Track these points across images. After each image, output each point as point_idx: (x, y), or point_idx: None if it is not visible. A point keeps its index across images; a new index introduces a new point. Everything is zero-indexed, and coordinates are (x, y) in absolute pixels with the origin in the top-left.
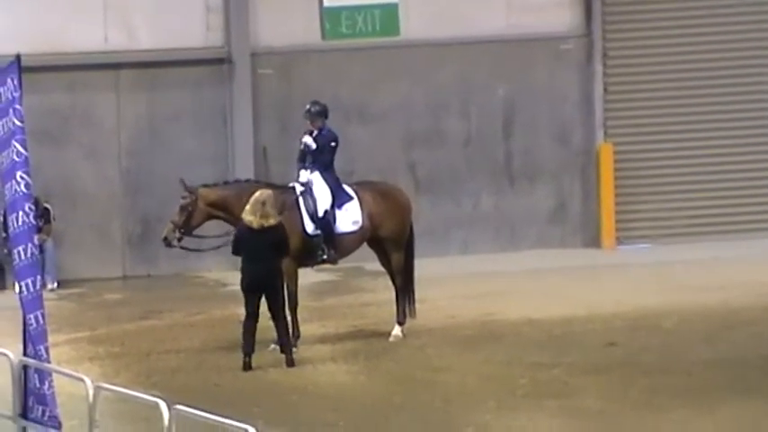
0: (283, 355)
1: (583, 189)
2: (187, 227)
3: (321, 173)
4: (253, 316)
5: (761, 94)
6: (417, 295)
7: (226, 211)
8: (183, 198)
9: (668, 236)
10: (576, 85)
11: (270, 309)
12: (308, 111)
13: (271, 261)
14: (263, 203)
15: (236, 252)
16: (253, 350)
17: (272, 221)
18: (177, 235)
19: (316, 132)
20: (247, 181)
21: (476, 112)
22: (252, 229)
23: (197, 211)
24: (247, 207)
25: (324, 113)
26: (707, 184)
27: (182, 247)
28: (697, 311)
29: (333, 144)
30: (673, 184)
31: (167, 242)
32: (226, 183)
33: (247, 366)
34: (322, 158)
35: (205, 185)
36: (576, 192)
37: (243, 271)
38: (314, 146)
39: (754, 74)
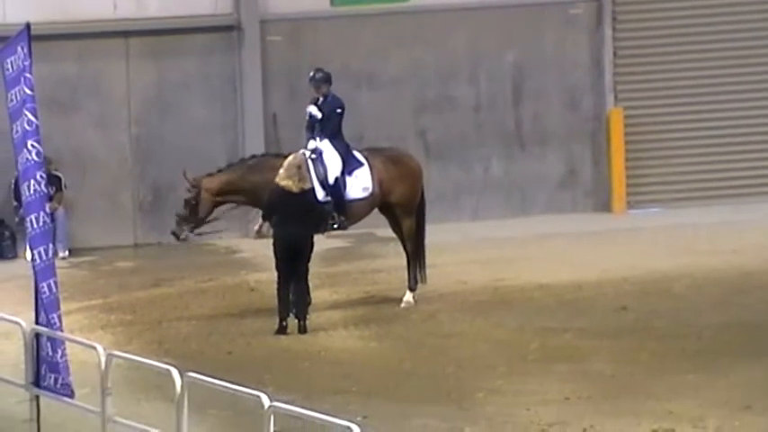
0: (296, 321)
1: (593, 154)
2: (195, 219)
3: (330, 140)
4: (288, 280)
5: None
6: (428, 261)
7: (236, 193)
8: (188, 191)
9: (679, 200)
10: (586, 49)
11: (296, 272)
12: (313, 77)
13: (306, 224)
14: (299, 167)
15: (269, 216)
16: (288, 314)
17: (308, 184)
18: (186, 228)
19: (321, 100)
20: (253, 157)
21: (485, 78)
22: (291, 192)
23: (201, 202)
24: (281, 172)
25: (328, 80)
26: (717, 147)
27: (196, 234)
28: (708, 275)
29: (339, 111)
30: (683, 148)
31: (176, 236)
32: (230, 165)
33: (282, 330)
34: (330, 126)
35: (209, 174)
36: (586, 157)
37: (277, 235)
38: (319, 115)
39: (765, 36)
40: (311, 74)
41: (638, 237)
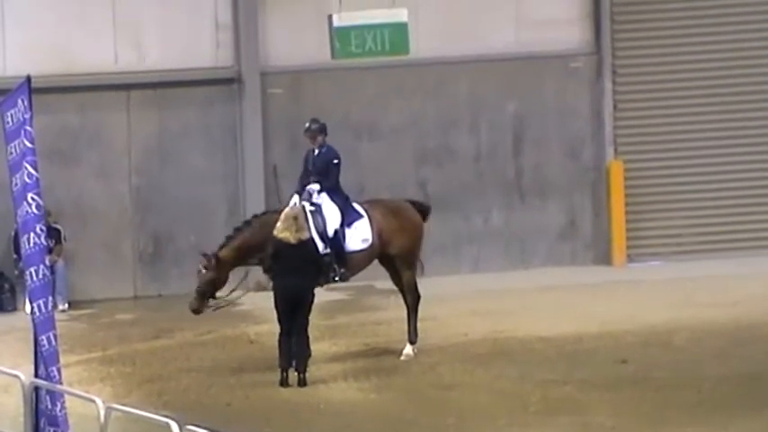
0: (296, 374)
1: (593, 205)
2: (213, 293)
3: (328, 193)
4: (288, 331)
5: None
6: (428, 313)
7: (247, 255)
8: (206, 268)
9: (679, 252)
10: (586, 101)
11: (296, 324)
12: (308, 128)
13: (306, 275)
14: (296, 218)
15: (271, 269)
16: (290, 365)
17: (306, 234)
18: (207, 303)
19: (317, 151)
20: (255, 216)
21: (486, 129)
22: (289, 244)
23: (220, 276)
24: (279, 225)
25: (323, 130)
26: (718, 200)
27: (217, 308)
28: (708, 328)
29: (335, 162)
30: (683, 201)
31: (196, 312)
32: (237, 230)
33: (284, 382)
34: (327, 178)
35: (222, 246)
36: (586, 208)
37: (278, 287)
38: (317, 188)
39: (764, 90)
40: (306, 125)
41: (638, 289)
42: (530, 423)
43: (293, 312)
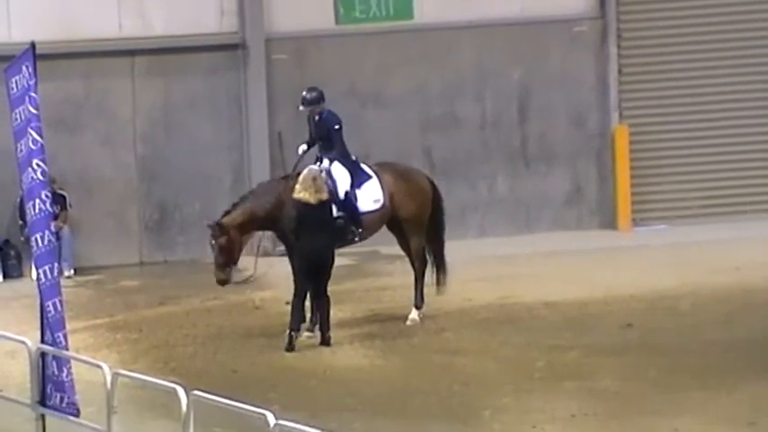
0: (319, 335)
1: (598, 171)
2: (232, 260)
3: (335, 159)
4: (304, 294)
5: None
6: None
7: (257, 222)
8: (215, 237)
9: (684, 217)
10: (591, 67)
11: (318, 286)
12: (305, 98)
13: (330, 236)
14: (314, 179)
15: (295, 231)
16: (299, 328)
17: (326, 195)
18: (229, 271)
19: (317, 118)
20: (259, 185)
21: (491, 96)
22: (310, 205)
23: (234, 242)
24: (298, 186)
25: (321, 98)
26: (723, 164)
27: (244, 281)
28: (714, 293)
29: (336, 127)
30: (688, 165)
31: (223, 283)
32: (242, 198)
33: (290, 346)
34: (330, 145)
35: (225, 213)
36: (591, 174)
37: (302, 249)
38: (304, 148)
39: None
40: (303, 93)
41: (643, 254)
42: (535, 388)
43: (316, 274)
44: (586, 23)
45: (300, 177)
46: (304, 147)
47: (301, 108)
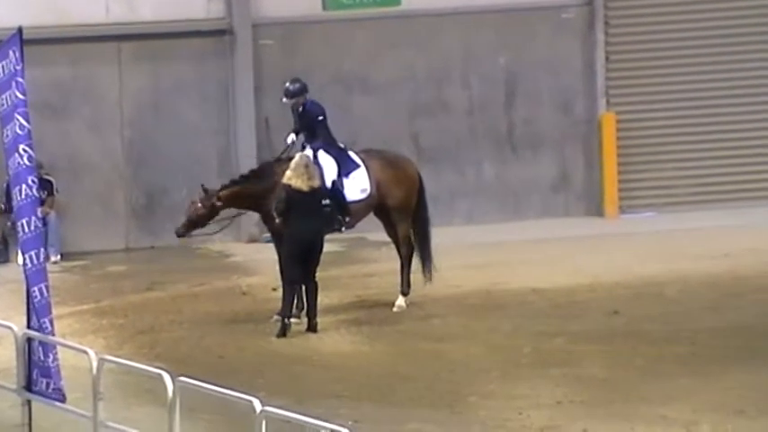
0: (305, 321)
1: (585, 158)
2: (202, 225)
3: (320, 149)
4: (298, 280)
5: (764, 62)
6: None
7: (249, 200)
8: (201, 201)
9: (671, 204)
10: (578, 53)
11: (308, 271)
12: (287, 91)
13: (320, 222)
14: (306, 165)
15: (285, 216)
16: (291, 315)
17: (317, 182)
18: (188, 230)
19: (300, 110)
20: (261, 165)
21: (478, 82)
22: (302, 192)
23: (213, 211)
24: (289, 173)
25: (303, 90)
26: (710, 152)
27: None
28: (701, 279)
29: (320, 118)
30: (675, 152)
31: (181, 236)
32: (242, 176)
33: (282, 332)
34: (315, 135)
35: (224, 187)
36: (578, 161)
37: (292, 233)
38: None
39: (757, 41)
40: (286, 86)
41: (630, 241)
42: (522, 375)
43: (304, 260)
44: (574, 10)
45: (292, 163)
46: (293, 136)
47: (284, 100)
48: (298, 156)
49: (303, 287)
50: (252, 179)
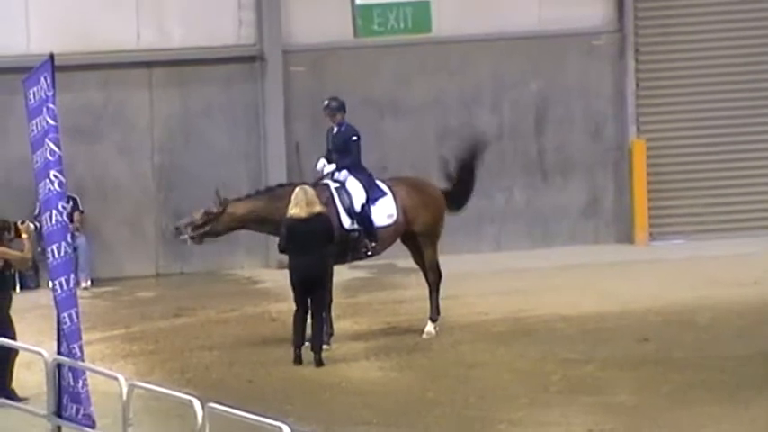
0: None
1: (616, 184)
2: (203, 232)
3: (350, 171)
4: (304, 308)
5: None
6: (449, 291)
7: (258, 222)
8: (213, 205)
9: (701, 231)
10: (609, 80)
11: (313, 303)
12: (327, 106)
13: (321, 251)
14: (306, 193)
15: (284, 247)
16: (303, 342)
17: (318, 209)
18: (190, 233)
19: (336, 129)
20: (280, 186)
21: (508, 108)
22: (300, 219)
23: (219, 223)
24: (291, 204)
25: (342, 108)
26: (740, 179)
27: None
28: (731, 306)
29: (354, 138)
30: (706, 180)
31: (178, 232)
32: (258, 192)
33: (298, 360)
34: (347, 156)
35: (237, 199)
36: (608, 187)
37: (292, 265)
38: (326, 165)
39: None
40: (325, 102)
41: (660, 268)
42: (551, 402)
43: (309, 292)
44: (604, 37)
45: (293, 195)
46: (324, 162)
47: (324, 111)
48: (298, 188)
49: (312, 318)
50: (268, 198)
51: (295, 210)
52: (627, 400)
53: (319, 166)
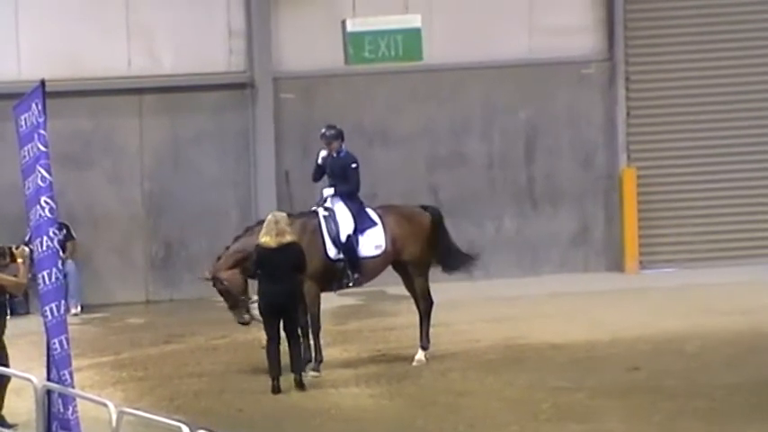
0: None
1: (606, 213)
2: (237, 301)
3: (343, 199)
4: (275, 338)
5: None
6: (440, 319)
7: (245, 262)
8: (215, 286)
9: (691, 260)
10: (599, 108)
11: (285, 330)
12: (324, 134)
13: (290, 280)
14: (277, 222)
15: (253, 273)
16: (280, 373)
17: (288, 238)
18: (241, 312)
19: (333, 156)
20: (259, 223)
21: (498, 136)
22: (269, 248)
23: (230, 285)
24: (262, 231)
25: (339, 136)
26: (730, 208)
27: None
28: (721, 335)
29: (353, 165)
30: (696, 209)
31: (245, 323)
32: (236, 238)
33: (276, 389)
34: (345, 183)
35: (218, 258)
36: (598, 216)
37: (262, 292)
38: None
39: None
40: (323, 130)
41: (650, 296)
42: (540, 430)
43: (277, 319)
44: (594, 65)
45: (265, 222)
46: (330, 190)
47: (321, 139)
48: (270, 215)
49: (288, 345)
50: (248, 237)
51: (265, 238)
52: (616, 428)
53: (325, 193)
